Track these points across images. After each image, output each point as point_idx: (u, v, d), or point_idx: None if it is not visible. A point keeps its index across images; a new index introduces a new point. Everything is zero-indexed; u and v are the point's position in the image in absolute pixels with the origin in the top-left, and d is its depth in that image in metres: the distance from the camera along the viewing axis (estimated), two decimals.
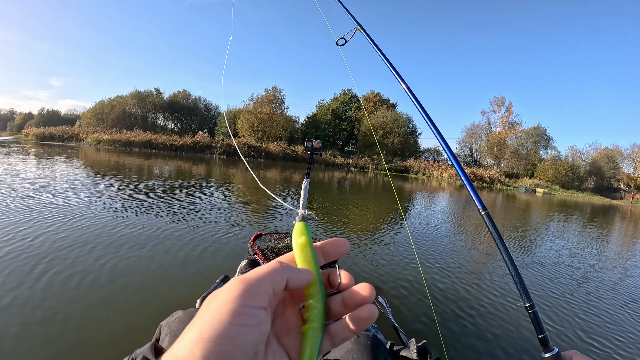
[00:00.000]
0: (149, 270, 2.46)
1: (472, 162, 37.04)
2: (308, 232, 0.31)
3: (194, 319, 0.22)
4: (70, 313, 1.79)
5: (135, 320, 1.80)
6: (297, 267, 0.26)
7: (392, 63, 1.12)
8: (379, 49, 1.18)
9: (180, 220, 4.03)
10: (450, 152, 0.88)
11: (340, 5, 1.48)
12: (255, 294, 0.22)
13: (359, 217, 5.91)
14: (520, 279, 0.58)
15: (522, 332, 2.19)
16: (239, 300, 0.21)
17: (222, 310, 0.21)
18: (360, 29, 1.27)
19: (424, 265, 3.39)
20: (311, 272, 0.27)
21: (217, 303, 0.21)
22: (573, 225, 8.67)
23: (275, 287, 0.24)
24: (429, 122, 0.94)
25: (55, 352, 1.49)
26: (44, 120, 44.13)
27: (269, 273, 0.24)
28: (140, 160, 13.55)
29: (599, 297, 3.14)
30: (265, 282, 0.23)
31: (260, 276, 0.23)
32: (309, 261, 0.28)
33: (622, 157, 35.83)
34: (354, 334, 0.27)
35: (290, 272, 0.25)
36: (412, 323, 2.12)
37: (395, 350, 1.06)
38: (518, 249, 4.84)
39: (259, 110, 30.71)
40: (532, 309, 0.57)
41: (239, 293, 0.21)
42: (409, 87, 1.03)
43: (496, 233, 0.65)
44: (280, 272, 0.24)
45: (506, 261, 0.63)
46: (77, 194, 5.01)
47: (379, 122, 31.28)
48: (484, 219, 0.69)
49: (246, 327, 0.21)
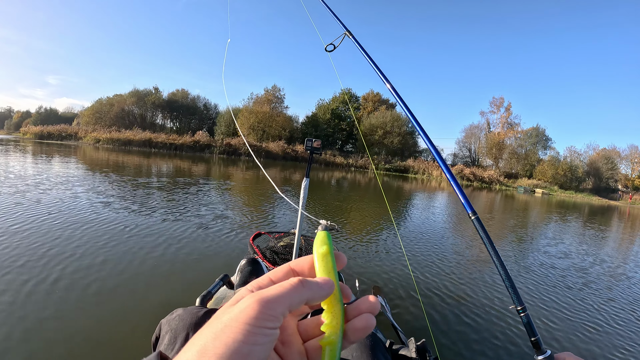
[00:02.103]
0: (148, 269, 2.46)
1: (472, 162, 37.11)
2: (330, 241, 0.30)
3: (203, 331, 0.22)
4: (74, 311, 1.80)
5: (135, 318, 1.81)
6: (317, 283, 0.26)
7: (377, 65, 1.16)
8: (365, 52, 1.21)
9: (179, 220, 4.03)
10: (437, 154, 0.89)
11: (330, 12, 1.48)
12: (271, 317, 0.21)
13: (355, 218, 5.92)
14: (512, 283, 0.59)
15: (517, 334, 2.21)
16: (254, 322, 0.21)
17: (236, 328, 0.20)
18: (349, 35, 1.29)
19: (418, 267, 3.40)
20: (332, 286, 0.26)
21: (232, 321, 0.21)
22: (571, 226, 8.71)
23: (293, 308, 0.23)
24: (415, 122, 0.95)
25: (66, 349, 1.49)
26: (42, 119, 43.97)
27: (288, 294, 0.23)
28: (140, 159, 13.53)
29: (594, 299, 3.16)
30: (283, 304, 0.22)
31: (279, 297, 0.23)
32: (329, 271, 0.28)
33: (619, 158, 35.99)
34: (350, 343, 0.27)
35: (310, 293, 0.24)
36: (402, 324, 2.13)
37: (394, 349, 1.07)
38: (518, 251, 4.86)
39: (259, 110, 30.67)
40: (523, 312, 0.57)
41: (255, 315, 0.21)
42: (393, 86, 1.06)
43: (487, 237, 0.66)
44: (300, 293, 0.24)
45: (497, 265, 0.63)
46: (80, 196, 5.00)
47: (378, 122, 31.29)
48: (474, 223, 0.69)
49: (259, 345, 0.21)
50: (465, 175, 28.05)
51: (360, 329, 0.26)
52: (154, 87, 35.69)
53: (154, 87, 35.65)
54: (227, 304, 0.24)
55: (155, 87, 35.69)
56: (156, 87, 35.75)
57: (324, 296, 0.26)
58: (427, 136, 0.94)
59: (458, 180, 0.82)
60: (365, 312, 0.27)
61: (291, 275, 0.29)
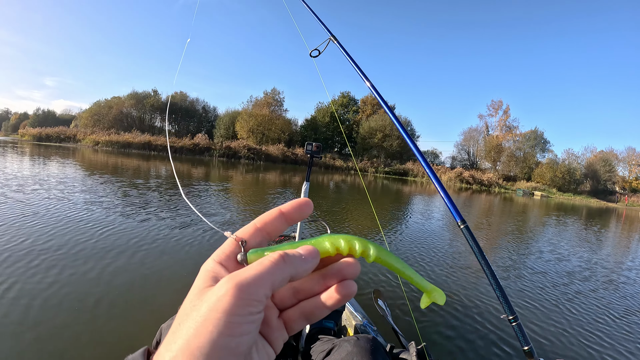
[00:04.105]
0: (146, 272, 2.46)
1: (470, 165, 37.23)
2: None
3: (184, 324, 0.19)
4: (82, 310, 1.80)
5: (134, 323, 1.81)
6: (300, 256, 0.23)
7: (362, 69, 1.18)
8: (350, 57, 1.22)
9: (178, 221, 4.03)
10: (423, 159, 0.90)
11: (314, 16, 1.49)
12: (254, 301, 0.19)
13: (354, 220, 5.93)
14: (502, 292, 0.58)
15: (514, 341, 2.21)
16: (236, 310, 0.18)
17: (218, 320, 0.18)
18: (334, 40, 1.30)
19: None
20: (317, 256, 0.24)
21: (212, 312, 0.18)
22: (570, 229, 8.73)
23: (276, 287, 0.21)
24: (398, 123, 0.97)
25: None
26: (40, 121, 43.88)
27: (269, 273, 0.20)
28: (141, 162, 13.51)
29: (590, 305, 3.17)
30: (264, 286, 0.20)
31: (259, 278, 0.20)
32: (314, 241, 0.25)
33: (617, 160, 36.17)
34: (329, 310, 0.25)
35: (292, 269, 0.22)
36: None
37: (394, 353, 1.07)
38: (515, 256, 4.87)
39: (258, 113, 30.73)
40: (515, 322, 0.56)
41: (235, 302, 0.19)
42: (375, 88, 1.10)
43: (477, 247, 0.65)
44: (282, 270, 0.21)
45: (487, 274, 0.62)
46: (94, 205, 4.99)
47: (377, 124, 31.41)
48: (463, 232, 0.69)
49: (246, 335, 0.19)
50: (465, 178, 28.12)
51: (346, 294, 0.25)
52: (152, 89, 35.72)
53: (153, 89, 35.69)
54: (199, 295, 0.21)
55: (154, 89, 35.72)
56: (155, 89, 35.79)
57: (308, 270, 0.23)
58: (412, 140, 0.96)
59: (457, 183, 0.82)
60: (347, 278, 0.25)
61: (281, 220, 0.26)
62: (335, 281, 0.25)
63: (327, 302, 0.25)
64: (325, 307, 0.25)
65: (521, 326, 0.57)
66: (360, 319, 1.52)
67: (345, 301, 0.25)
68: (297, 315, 0.25)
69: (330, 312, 0.25)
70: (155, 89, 35.78)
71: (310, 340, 1.19)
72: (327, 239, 0.25)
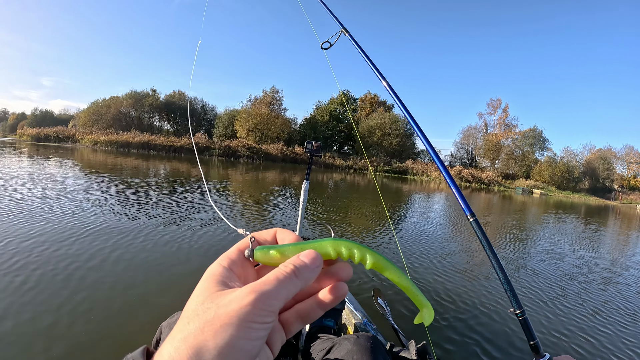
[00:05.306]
0: (145, 272, 2.46)
1: (469, 163, 37.29)
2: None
3: (187, 325, 0.21)
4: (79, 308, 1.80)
5: (136, 322, 1.81)
6: (308, 267, 0.25)
7: (374, 63, 1.14)
8: (362, 50, 1.19)
9: (179, 223, 4.02)
10: (435, 155, 0.89)
11: (325, 8, 1.47)
12: (271, 312, 0.22)
13: (354, 219, 5.93)
14: (510, 286, 0.58)
15: (517, 337, 2.21)
16: (255, 318, 0.21)
17: (237, 325, 0.20)
18: (345, 32, 1.27)
19: (416, 266, 3.41)
20: (320, 263, 0.25)
21: (229, 317, 0.21)
22: (570, 226, 8.76)
23: (288, 300, 0.23)
24: (412, 122, 0.95)
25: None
26: (38, 121, 43.75)
27: (285, 287, 0.23)
28: (141, 162, 13.48)
29: (594, 300, 3.18)
30: (280, 300, 0.22)
31: (277, 292, 0.22)
32: (317, 244, 0.26)
33: (615, 158, 36.29)
34: (324, 310, 0.27)
35: (303, 282, 0.24)
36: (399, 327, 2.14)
37: (395, 351, 1.07)
38: (518, 252, 4.88)
39: (257, 112, 30.66)
40: (522, 316, 0.56)
41: (255, 311, 0.21)
42: (390, 84, 1.05)
43: (485, 240, 0.65)
44: (295, 285, 0.23)
45: (495, 268, 0.62)
46: (100, 205, 4.99)
47: (376, 123, 31.39)
48: (472, 225, 0.68)
49: (259, 340, 0.21)
50: (464, 177, 28.16)
51: (335, 298, 0.26)
52: (151, 89, 35.64)
53: (152, 89, 35.62)
54: (208, 287, 0.23)
55: (152, 89, 35.65)
56: (154, 89, 35.72)
57: (313, 279, 0.25)
58: (425, 136, 0.94)
59: (457, 182, 0.82)
60: (341, 280, 0.27)
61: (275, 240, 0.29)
62: (329, 283, 0.27)
63: (321, 303, 0.26)
64: (320, 308, 0.26)
65: (528, 321, 0.57)
66: (360, 318, 1.52)
67: (338, 301, 0.26)
68: (293, 317, 0.27)
69: (324, 312, 0.27)
70: (153, 88, 35.78)
71: (310, 339, 1.19)
72: (330, 244, 0.26)
